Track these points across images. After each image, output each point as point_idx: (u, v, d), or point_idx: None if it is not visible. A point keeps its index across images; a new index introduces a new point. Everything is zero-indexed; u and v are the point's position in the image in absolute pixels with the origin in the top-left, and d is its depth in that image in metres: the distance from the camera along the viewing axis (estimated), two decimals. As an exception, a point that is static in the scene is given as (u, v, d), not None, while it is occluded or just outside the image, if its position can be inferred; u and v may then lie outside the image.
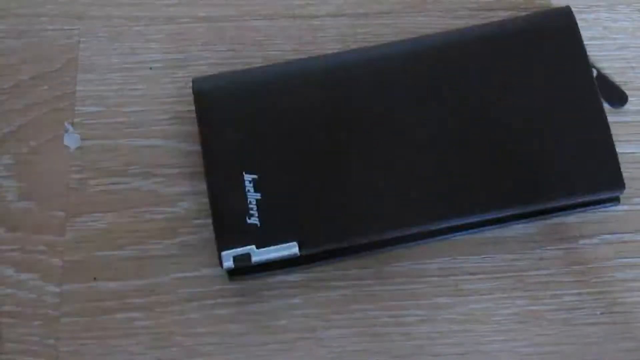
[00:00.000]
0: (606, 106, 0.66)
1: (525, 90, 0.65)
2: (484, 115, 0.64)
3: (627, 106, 0.68)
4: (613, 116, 0.66)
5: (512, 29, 0.66)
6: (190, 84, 0.65)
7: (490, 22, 0.67)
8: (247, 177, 0.62)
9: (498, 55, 0.65)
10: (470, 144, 0.63)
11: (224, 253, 0.61)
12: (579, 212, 0.65)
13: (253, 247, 0.61)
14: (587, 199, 0.64)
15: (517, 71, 0.65)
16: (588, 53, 0.65)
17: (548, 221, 0.65)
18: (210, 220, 0.62)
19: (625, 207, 0.65)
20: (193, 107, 0.65)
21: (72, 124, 0.68)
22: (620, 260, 0.64)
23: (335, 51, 0.68)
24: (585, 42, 0.65)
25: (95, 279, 0.64)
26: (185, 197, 0.66)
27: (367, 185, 0.62)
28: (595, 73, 0.66)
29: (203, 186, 0.64)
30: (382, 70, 0.65)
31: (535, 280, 0.64)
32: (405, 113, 0.64)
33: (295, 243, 0.61)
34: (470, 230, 0.64)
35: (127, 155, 0.67)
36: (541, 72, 0.65)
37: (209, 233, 0.64)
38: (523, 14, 0.68)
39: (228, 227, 0.62)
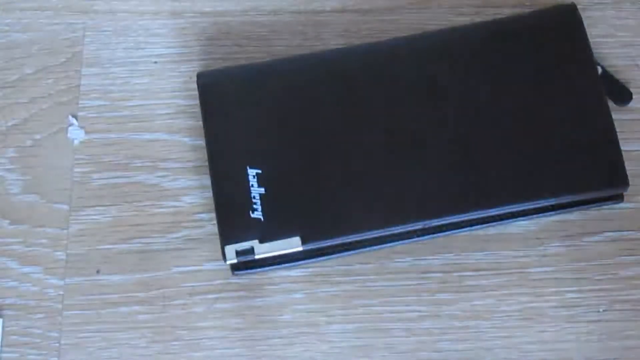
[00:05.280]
0: (611, 104, 0.66)
1: (529, 87, 0.64)
2: (488, 111, 0.64)
3: (632, 104, 0.68)
4: (617, 114, 0.66)
5: (517, 26, 0.66)
6: (195, 78, 0.66)
7: (495, 19, 0.67)
8: (251, 172, 0.62)
9: (503, 52, 0.65)
10: (474, 140, 0.63)
11: (227, 247, 0.61)
12: (583, 209, 0.65)
13: (256, 241, 0.61)
14: (591, 196, 0.64)
15: (521, 68, 0.65)
16: (593, 50, 0.65)
17: (551, 218, 0.65)
18: (213, 215, 0.62)
19: (629, 205, 0.65)
20: (197, 102, 0.65)
21: (76, 117, 0.68)
22: (623, 257, 0.64)
23: (340, 47, 0.68)
24: (590, 40, 0.65)
25: (98, 272, 0.64)
26: (189, 191, 0.66)
27: (370, 180, 0.63)
28: (600, 70, 0.66)
29: (207, 180, 0.64)
30: (386, 67, 0.65)
31: (538, 277, 0.64)
32: (408, 109, 0.64)
33: (298, 238, 0.61)
34: (473, 227, 0.64)
35: (131, 149, 0.67)
36: (546, 69, 0.65)
37: (212, 227, 0.64)
38: (528, 10, 0.68)
39: (231, 222, 0.62)
